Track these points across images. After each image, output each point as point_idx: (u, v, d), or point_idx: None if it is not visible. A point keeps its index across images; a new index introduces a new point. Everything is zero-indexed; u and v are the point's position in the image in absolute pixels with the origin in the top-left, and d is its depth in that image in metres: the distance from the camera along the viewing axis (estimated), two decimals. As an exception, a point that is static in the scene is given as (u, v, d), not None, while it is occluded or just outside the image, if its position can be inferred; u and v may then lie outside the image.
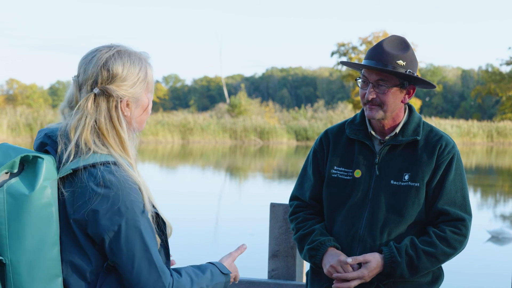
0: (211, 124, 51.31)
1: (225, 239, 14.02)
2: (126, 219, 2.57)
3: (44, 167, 2.56)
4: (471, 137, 58.07)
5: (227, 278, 2.89)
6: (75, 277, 2.62)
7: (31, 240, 2.52)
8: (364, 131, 3.81)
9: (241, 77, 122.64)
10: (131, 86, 2.70)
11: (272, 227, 4.41)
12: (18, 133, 45.48)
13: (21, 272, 2.51)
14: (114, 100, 2.67)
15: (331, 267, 3.67)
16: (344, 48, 63.33)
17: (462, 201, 3.70)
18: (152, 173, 26.63)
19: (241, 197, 21.29)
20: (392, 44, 3.70)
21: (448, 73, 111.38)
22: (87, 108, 2.65)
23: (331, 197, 3.81)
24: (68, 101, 2.73)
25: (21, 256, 2.51)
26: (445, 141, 3.74)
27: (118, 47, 2.73)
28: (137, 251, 2.58)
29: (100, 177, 2.57)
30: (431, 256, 3.63)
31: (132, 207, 2.58)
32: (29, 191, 2.52)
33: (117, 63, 2.68)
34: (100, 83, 2.66)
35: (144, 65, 2.76)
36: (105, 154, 2.63)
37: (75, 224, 2.59)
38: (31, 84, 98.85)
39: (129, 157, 2.70)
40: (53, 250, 2.57)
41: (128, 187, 2.59)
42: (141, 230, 2.59)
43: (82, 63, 2.71)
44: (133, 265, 2.59)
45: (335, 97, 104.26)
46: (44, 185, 2.54)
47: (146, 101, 2.78)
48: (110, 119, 2.67)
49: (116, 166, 2.61)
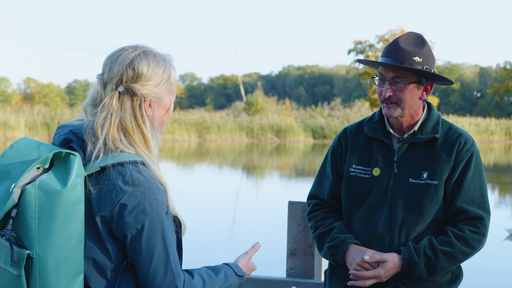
0: (228, 123, 51.35)
1: (242, 237, 14.02)
2: (150, 219, 2.59)
3: (77, 164, 2.58)
4: (489, 134, 57.84)
5: (242, 279, 2.88)
6: (95, 273, 2.65)
7: (60, 236, 2.53)
8: (383, 129, 3.79)
9: (258, 76, 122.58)
10: (155, 86, 2.73)
11: (290, 226, 4.41)
12: (36, 132, 45.69)
13: (48, 267, 2.53)
14: (138, 99, 2.70)
15: (358, 265, 3.65)
16: (361, 46, 63.16)
17: (481, 199, 3.68)
18: (169, 172, 26.68)
19: (258, 195, 21.28)
20: (408, 40, 3.68)
21: (465, 70, 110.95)
22: (112, 106, 2.67)
23: (350, 196, 3.80)
24: (92, 99, 2.75)
25: (50, 252, 2.53)
26: (464, 138, 3.72)
27: (143, 47, 2.77)
28: (156, 251, 2.61)
29: (129, 175, 2.59)
30: (449, 256, 3.61)
31: (157, 208, 2.61)
32: (61, 187, 2.53)
33: (142, 62, 2.72)
34: (125, 82, 2.69)
35: (168, 67, 2.80)
36: (132, 153, 2.66)
37: (101, 221, 2.61)
38: (48, 83, 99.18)
39: (153, 155, 2.73)
40: (79, 246, 2.58)
41: (155, 187, 2.62)
42: (163, 231, 2.62)
43: (107, 62, 2.74)
44: (150, 264, 2.61)
45: (352, 95, 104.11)
46: (76, 182, 2.56)
47: (168, 102, 2.81)
48: (134, 117, 2.70)
49: (144, 166, 2.65)
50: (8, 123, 44.80)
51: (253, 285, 4.40)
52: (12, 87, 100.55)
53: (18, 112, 48.29)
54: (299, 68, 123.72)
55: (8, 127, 44.68)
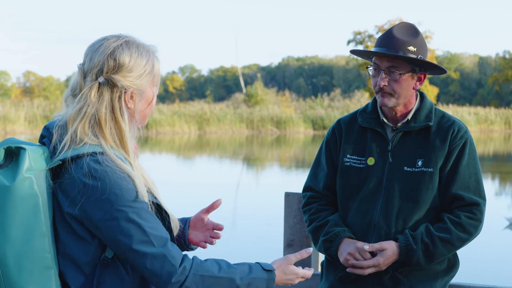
0: (228, 114, 51.30)
1: (242, 229, 14.04)
2: (117, 206, 2.52)
3: (27, 158, 2.53)
4: (489, 124, 57.83)
5: (270, 275, 2.73)
6: (72, 269, 2.59)
7: (16, 231, 2.50)
8: (376, 119, 3.80)
9: (257, 67, 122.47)
10: (137, 77, 2.66)
11: (287, 217, 4.41)
12: (36, 126, 45.67)
13: (8, 263, 2.50)
14: (118, 91, 2.63)
15: (348, 254, 3.66)
16: (360, 37, 63.02)
17: (476, 186, 3.69)
18: (169, 164, 26.68)
19: (259, 187, 21.29)
20: (402, 30, 3.69)
21: (465, 60, 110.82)
22: (90, 97, 2.61)
23: (345, 186, 3.80)
24: (72, 89, 2.68)
25: (7, 248, 2.49)
26: (458, 126, 3.73)
27: (126, 37, 2.69)
28: (135, 238, 2.53)
29: (86, 167, 2.53)
30: (446, 243, 3.62)
31: (122, 194, 2.53)
32: (10, 182, 2.50)
33: (124, 53, 2.64)
34: (105, 72, 2.62)
35: (152, 58, 2.72)
36: (94, 144, 2.59)
37: (70, 218, 2.56)
38: (47, 76, 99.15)
39: (125, 149, 2.65)
40: (43, 241, 2.54)
41: (117, 175, 2.54)
42: (134, 216, 2.53)
43: (88, 51, 2.67)
44: (135, 252, 2.54)
45: (352, 86, 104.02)
46: (26, 176, 2.51)
47: (151, 94, 2.74)
48: (111, 109, 2.63)
49: (103, 156, 2.56)
50: (8, 117, 44.76)
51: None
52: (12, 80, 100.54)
53: (18, 106, 48.24)
54: (298, 59, 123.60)
55: (8, 121, 44.65)
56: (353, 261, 3.64)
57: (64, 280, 2.61)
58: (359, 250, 3.64)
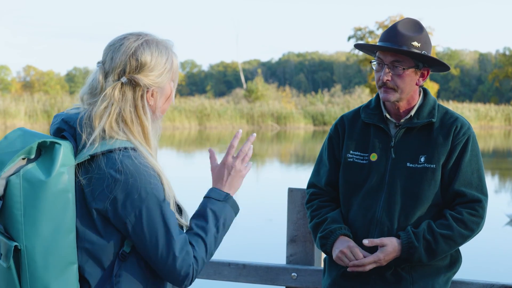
0: (228, 110, 51.34)
1: (242, 224, 14.03)
2: (147, 204, 2.56)
3: (62, 153, 2.55)
4: (489, 120, 57.87)
5: (231, 201, 2.83)
6: (91, 264, 2.61)
7: (47, 227, 2.51)
8: (379, 115, 3.80)
9: (258, 62, 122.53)
10: (158, 76, 2.69)
11: (290, 212, 4.40)
12: (36, 120, 45.69)
13: (36, 258, 2.51)
14: (141, 90, 2.66)
15: (340, 252, 3.66)
16: (361, 33, 63.00)
17: (478, 182, 3.68)
18: (170, 159, 26.67)
19: (259, 182, 21.29)
20: (406, 26, 3.69)
21: (465, 56, 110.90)
22: (114, 96, 2.63)
23: (347, 182, 3.80)
24: (91, 88, 2.69)
25: (36, 243, 2.50)
26: (460, 122, 3.72)
27: (146, 35, 2.72)
28: (160, 235, 2.57)
29: (119, 162, 2.55)
30: (448, 239, 3.61)
31: (152, 192, 2.56)
32: (45, 177, 2.50)
33: (146, 52, 2.67)
34: (128, 72, 2.65)
35: (171, 55, 2.75)
36: (124, 140, 2.62)
37: (96, 212, 2.57)
38: (48, 70, 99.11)
39: (150, 146, 2.69)
40: (69, 236, 2.56)
41: (147, 173, 2.57)
42: (163, 215, 2.58)
43: (108, 50, 2.69)
44: (157, 250, 2.58)
45: (352, 82, 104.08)
46: (61, 171, 2.53)
47: (169, 90, 2.77)
48: (135, 108, 2.66)
49: (135, 152, 2.60)
50: (8, 111, 44.79)
51: (253, 272, 4.39)
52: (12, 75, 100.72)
53: (18, 100, 48.25)
54: (299, 54, 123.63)
55: (8, 115, 44.68)
56: (354, 262, 3.64)
57: (82, 275, 2.62)
58: (350, 249, 3.64)
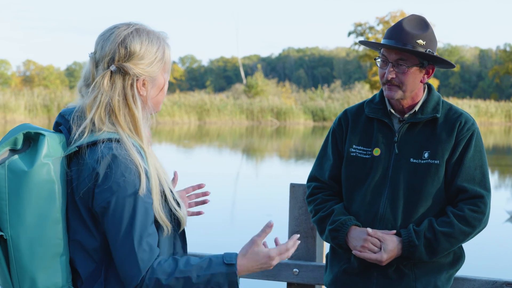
0: (228, 105, 51.32)
1: (242, 220, 14.03)
2: (116, 197, 2.53)
3: (46, 144, 2.56)
4: (489, 117, 57.85)
5: (231, 269, 2.61)
6: (82, 256, 2.61)
7: (31, 217, 2.53)
8: (383, 110, 3.78)
9: (258, 58, 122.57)
10: (148, 65, 2.68)
11: (292, 208, 4.38)
12: (36, 114, 45.68)
13: (21, 248, 2.53)
14: (130, 78, 2.65)
15: (362, 247, 3.64)
16: (361, 28, 63.04)
17: (481, 178, 3.67)
18: (169, 154, 26.67)
19: (258, 178, 21.29)
20: (411, 23, 3.66)
21: (465, 52, 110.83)
22: (103, 86, 2.63)
23: (350, 176, 3.78)
24: (85, 79, 2.71)
25: (21, 232, 2.52)
26: (465, 118, 3.71)
27: (136, 25, 2.71)
28: (122, 233, 2.53)
29: (99, 153, 2.55)
30: (449, 237, 3.60)
31: (124, 186, 2.54)
32: (28, 167, 2.53)
33: (135, 41, 2.66)
34: (117, 61, 2.64)
35: (162, 45, 2.74)
36: (111, 132, 2.61)
37: (80, 202, 2.58)
38: (47, 65, 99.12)
39: (140, 137, 2.66)
40: (56, 227, 2.57)
41: (124, 166, 2.55)
42: (131, 210, 2.54)
43: (99, 40, 2.69)
44: (116, 244, 2.55)
45: (352, 77, 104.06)
46: (44, 162, 2.55)
47: (162, 81, 2.76)
48: (124, 97, 2.65)
49: (118, 144, 2.59)
50: (8, 106, 44.78)
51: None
52: (12, 69, 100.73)
53: (18, 95, 48.23)
54: (299, 50, 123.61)
55: (8, 110, 44.67)
56: (357, 253, 3.63)
57: (74, 267, 2.63)
58: (371, 241, 3.63)
